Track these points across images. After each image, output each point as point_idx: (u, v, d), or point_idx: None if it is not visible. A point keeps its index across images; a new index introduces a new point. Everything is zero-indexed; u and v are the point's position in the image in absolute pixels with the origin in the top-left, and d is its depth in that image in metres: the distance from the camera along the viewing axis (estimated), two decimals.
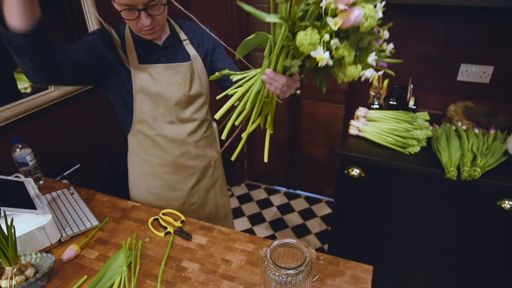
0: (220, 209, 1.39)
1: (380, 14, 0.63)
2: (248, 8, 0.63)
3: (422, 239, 1.50)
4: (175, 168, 1.19)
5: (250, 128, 0.79)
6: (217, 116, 0.78)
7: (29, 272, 0.83)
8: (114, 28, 1.05)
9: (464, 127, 1.48)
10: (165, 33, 1.06)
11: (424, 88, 1.76)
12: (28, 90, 1.41)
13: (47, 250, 0.96)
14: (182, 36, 1.10)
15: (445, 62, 1.67)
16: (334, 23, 0.59)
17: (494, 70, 1.60)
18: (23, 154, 1.19)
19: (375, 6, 0.62)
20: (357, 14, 0.58)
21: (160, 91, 1.05)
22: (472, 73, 1.64)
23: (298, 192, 2.70)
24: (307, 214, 2.48)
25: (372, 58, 0.66)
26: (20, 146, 1.19)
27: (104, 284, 0.84)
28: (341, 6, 0.59)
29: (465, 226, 1.39)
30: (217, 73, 0.82)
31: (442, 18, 1.59)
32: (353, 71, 0.67)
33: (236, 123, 0.78)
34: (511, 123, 1.50)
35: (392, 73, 0.74)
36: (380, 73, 0.68)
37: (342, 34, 0.62)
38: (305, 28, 0.61)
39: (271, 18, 0.61)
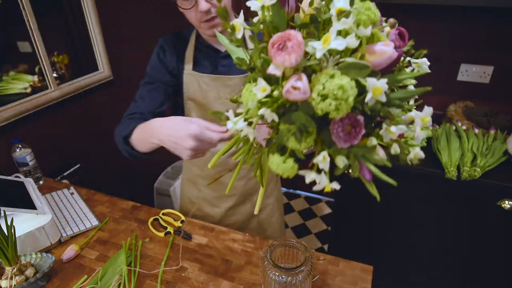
0: (267, 231, 1.29)
1: (371, 97, 0.38)
2: (225, 41, 0.53)
3: (422, 239, 1.50)
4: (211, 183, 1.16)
5: (234, 176, 0.65)
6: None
7: (29, 272, 0.83)
8: (185, 30, 1.02)
9: (464, 127, 1.48)
10: None
11: None
12: (28, 90, 1.41)
13: (47, 250, 0.95)
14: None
15: (445, 62, 1.67)
16: (261, 89, 0.42)
17: (494, 70, 1.60)
18: (23, 154, 1.19)
19: (357, 82, 0.39)
20: (288, 86, 0.39)
21: (206, 103, 0.99)
22: (472, 73, 1.64)
23: (298, 192, 2.70)
24: (307, 214, 2.48)
25: (318, 159, 0.42)
26: (20, 146, 1.19)
27: (104, 284, 0.84)
28: (272, 70, 0.41)
29: (465, 226, 1.39)
30: (209, 111, 0.69)
31: (442, 18, 1.59)
32: (280, 166, 0.44)
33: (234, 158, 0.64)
34: (511, 123, 1.50)
35: None
36: (336, 186, 0.45)
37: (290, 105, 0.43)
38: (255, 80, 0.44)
39: (238, 54, 0.51)
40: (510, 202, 1.26)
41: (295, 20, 0.47)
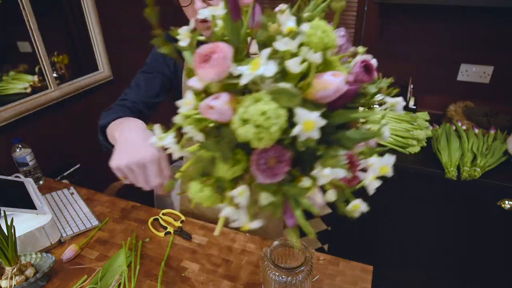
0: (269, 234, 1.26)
1: (300, 130, 0.33)
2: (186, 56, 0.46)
3: (422, 239, 1.50)
4: (181, 193, 1.16)
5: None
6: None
7: (29, 272, 0.83)
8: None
9: (464, 127, 1.48)
10: None
11: (424, 88, 1.76)
12: (28, 90, 1.41)
13: (47, 250, 0.95)
14: (254, 48, 1.00)
15: (445, 62, 1.67)
16: (186, 103, 0.39)
17: (494, 70, 1.60)
18: (23, 154, 1.19)
19: (289, 111, 0.33)
20: (203, 104, 0.36)
21: None
22: (472, 73, 1.64)
23: None
24: (307, 214, 2.47)
25: (234, 192, 0.39)
26: (20, 146, 1.19)
27: (104, 284, 0.84)
28: (193, 82, 0.37)
29: (465, 226, 1.39)
30: (148, 126, 0.57)
31: (442, 18, 1.59)
32: (197, 195, 0.41)
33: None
34: (511, 123, 1.50)
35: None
36: (255, 225, 0.41)
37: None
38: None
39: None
40: (510, 202, 1.26)
41: (257, 36, 0.43)
